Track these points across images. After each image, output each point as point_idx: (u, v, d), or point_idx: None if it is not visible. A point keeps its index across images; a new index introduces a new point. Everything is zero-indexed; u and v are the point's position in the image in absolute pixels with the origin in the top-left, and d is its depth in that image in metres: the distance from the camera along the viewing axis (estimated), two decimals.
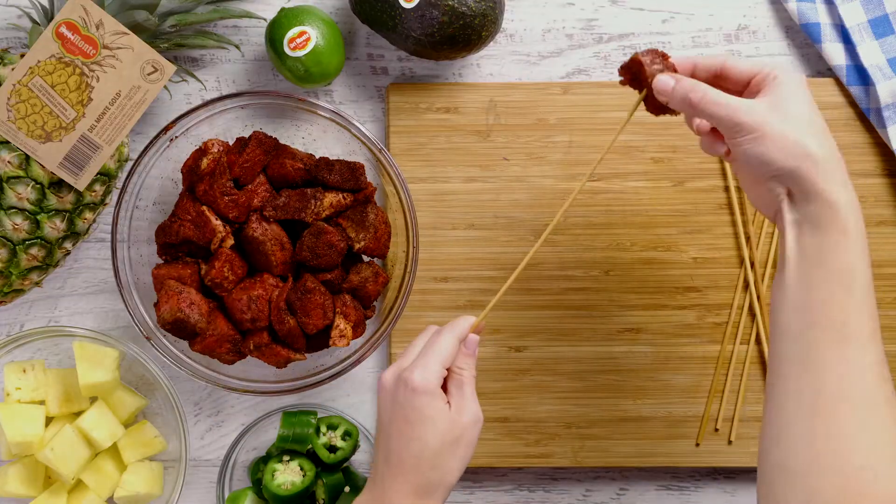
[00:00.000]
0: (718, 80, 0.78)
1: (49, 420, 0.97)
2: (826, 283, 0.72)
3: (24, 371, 0.95)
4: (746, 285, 0.98)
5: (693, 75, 0.78)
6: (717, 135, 0.79)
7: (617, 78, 1.00)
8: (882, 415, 0.71)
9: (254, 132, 0.93)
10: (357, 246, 0.93)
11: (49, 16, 0.90)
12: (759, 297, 0.98)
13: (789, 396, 0.72)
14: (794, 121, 0.73)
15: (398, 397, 0.78)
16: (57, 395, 0.95)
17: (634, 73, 0.80)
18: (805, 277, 0.73)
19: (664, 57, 0.79)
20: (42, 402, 0.96)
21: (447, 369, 0.80)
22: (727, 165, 0.98)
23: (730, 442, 0.98)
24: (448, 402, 0.79)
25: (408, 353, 0.81)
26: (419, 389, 0.77)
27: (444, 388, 0.80)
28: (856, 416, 0.70)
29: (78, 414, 0.96)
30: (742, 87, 0.78)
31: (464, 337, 0.81)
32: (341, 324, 0.92)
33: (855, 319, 0.72)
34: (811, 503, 0.69)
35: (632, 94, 0.98)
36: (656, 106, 0.80)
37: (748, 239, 0.98)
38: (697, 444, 0.98)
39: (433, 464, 0.77)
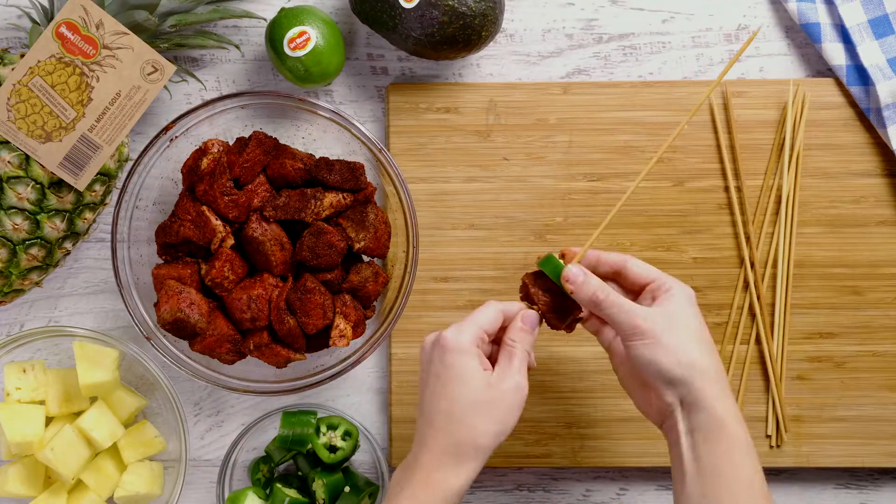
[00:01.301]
0: (617, 276, 0.84)
1: (49, 420, 0.97)
2: (726, 491, 0.75)
3: (24, 371, 0.95)
4: (746, 285, 0.98)
5: (595, 268, 0.83)
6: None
7: (616, 78, 1.01)
8: None
9: (254, 132, 0.93)
10: (357, 246, 0.92)
11: (49, 16, 0.90)
12: (759, 297, 0.98)
13: None
14: (684, 333, 0.78)
15: (433, 355, 0.80)
16: (57, 395, 0.95)
17: (526, 293, 0.84)
18: (707, 488, 0.76)
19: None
20: (42, 402, 0.96)
21: (498, 341, 0.82)
22: (727, 165, 0.98)
23: None
24: (491, 368, 0.80)
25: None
26: (449, 347, 0.79)
27: (495, 360, 0.82)
28: None
29: (78, 414, 0.96)
30: (637, 290, 0.83)
31: (512, 312, 0.83)
32: (341, 324, 0.92)
33: (757, 477, 0.76)
34: None
35: (632, 95, 0.99)
36: (552, 324, 0.84)
37: (748, 239, 0.98)
38: None
39: (462, 422, 0.77)
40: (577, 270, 0.81)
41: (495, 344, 0.83)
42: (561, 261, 0.82)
